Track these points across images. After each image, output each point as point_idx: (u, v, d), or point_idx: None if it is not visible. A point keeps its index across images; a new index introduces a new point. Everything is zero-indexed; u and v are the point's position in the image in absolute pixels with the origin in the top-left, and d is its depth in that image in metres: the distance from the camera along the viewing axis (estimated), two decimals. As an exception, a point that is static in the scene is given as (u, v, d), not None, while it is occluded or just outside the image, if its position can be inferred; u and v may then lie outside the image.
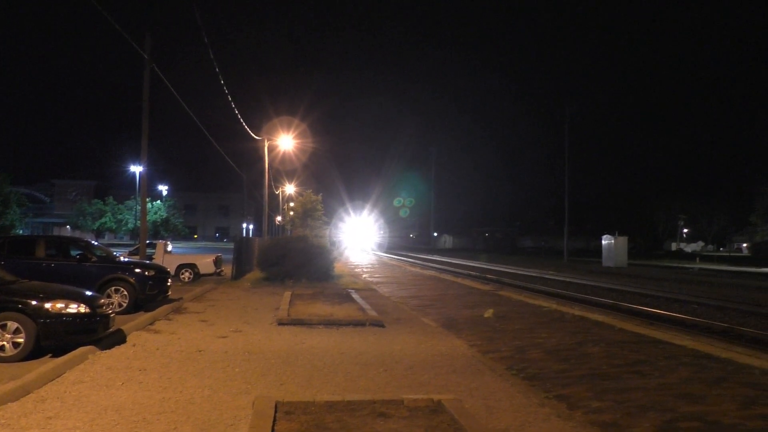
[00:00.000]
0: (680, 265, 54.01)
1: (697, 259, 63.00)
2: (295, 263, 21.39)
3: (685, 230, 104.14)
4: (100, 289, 11.86)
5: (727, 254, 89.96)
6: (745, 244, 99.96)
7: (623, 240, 47.87)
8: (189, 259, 22.02)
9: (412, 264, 42.61)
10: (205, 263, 21.56)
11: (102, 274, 12.51)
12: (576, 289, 23.16)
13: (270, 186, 39.46)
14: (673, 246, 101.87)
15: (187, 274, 20.89)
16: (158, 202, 71.92)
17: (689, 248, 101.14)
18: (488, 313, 11.33)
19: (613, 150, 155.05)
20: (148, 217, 42.08)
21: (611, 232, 48.58)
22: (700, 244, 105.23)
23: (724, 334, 13.02)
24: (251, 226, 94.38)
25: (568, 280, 28.12)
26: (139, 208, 23.98)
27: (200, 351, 8.33)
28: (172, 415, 5.39)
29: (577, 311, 14.42)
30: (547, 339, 10.35)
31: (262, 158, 33.31)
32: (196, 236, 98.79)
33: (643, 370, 7.90)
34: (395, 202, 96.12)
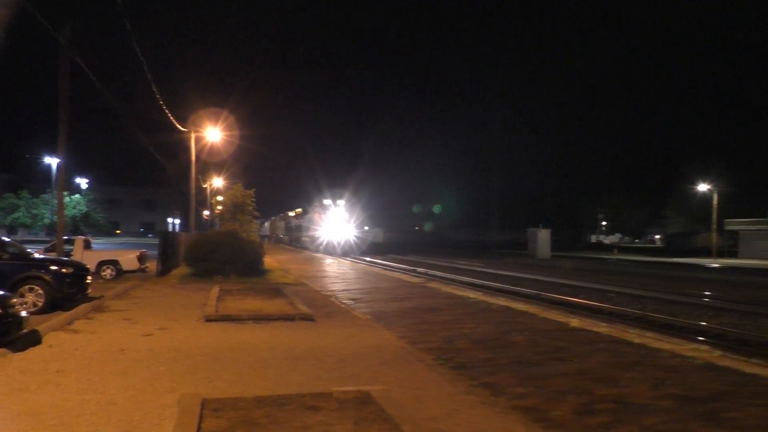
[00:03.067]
0: (600, 256, 56.71)
1: (615, 250, 66.37)
2: (224, 259, 20.96)
3: (604, 223, 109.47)
4: (13, 288, 11.22)
5: (642, 245, 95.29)
6: (658, 236, 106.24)
7: (546, 233, 49.85)
8: (111, 255, 21.11)
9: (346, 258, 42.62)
10: (129, 259, 20.75)
11: (14, 272, 11.86)
12: (502, 281, 23.90)
13: (197, 179, 38.30)
14: (593, 238, 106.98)
15: (108, 271, 20.06)
16: (77, 195, 68.48)
17: (608, 240, 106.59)
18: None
19: (540, 147, 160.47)
20: (66, 212, 40.08)
21: (537, 225, 50.45)
22: (618, 235, 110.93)
23: (638, 320, 13.84)
24: (178, 221, 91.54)
25: (494, 271, 28.97)
26: (56, 202, 22.76)
27: (123, 350, 8.05)
28: (92, 417, 5.19)
29: (502, 302, 14.90)
30: (474, 329, 10.64)
31: (195, 151, 32.31)
32: (119, 231, 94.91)
33: (563, 356, 8.28)
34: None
